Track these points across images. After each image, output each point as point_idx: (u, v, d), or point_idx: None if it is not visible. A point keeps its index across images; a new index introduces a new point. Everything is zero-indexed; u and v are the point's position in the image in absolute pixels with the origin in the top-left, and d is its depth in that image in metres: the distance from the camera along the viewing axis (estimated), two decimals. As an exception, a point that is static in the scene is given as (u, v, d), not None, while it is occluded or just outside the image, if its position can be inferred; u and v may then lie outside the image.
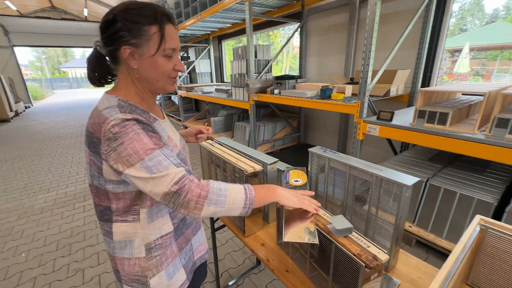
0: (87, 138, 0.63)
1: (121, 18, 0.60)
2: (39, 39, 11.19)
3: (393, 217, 0.75)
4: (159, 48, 0.63)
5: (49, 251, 2.05)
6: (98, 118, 0.60)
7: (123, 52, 0.62)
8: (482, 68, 8.38)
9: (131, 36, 0.61)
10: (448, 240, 1.75)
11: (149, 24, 0.62)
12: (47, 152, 4.68)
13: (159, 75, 0.67)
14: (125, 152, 0.57)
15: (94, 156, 0.62)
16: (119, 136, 0.57)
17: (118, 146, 0.57)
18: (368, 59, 1.84)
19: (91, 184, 0.69)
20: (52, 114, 9.20)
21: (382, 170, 0.76)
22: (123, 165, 0.58)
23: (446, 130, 1.57)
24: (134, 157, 0.57)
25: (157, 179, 0.57)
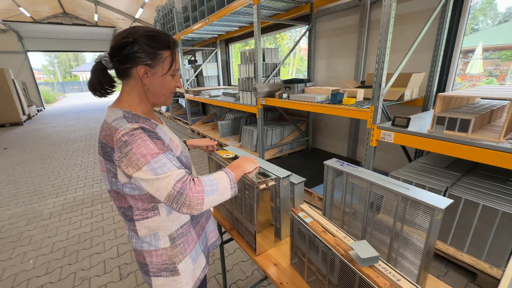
0: (101, 149, 0.71)
1: (141, 42, 0.70)
2: (51, 44, 11.47)
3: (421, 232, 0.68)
4: (170, 69, 0.76)
5: (56, 258, 2.04)
6: (109, 130, 0.69)
7: (138, 70, 0.72)
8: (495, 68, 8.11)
9: (148, 58, 0.72)
10: (470, 255, 1.64)
11: (163, 49, 0.74)
12: (57, 156, 4.74)
13: (165, 90, 0.79)
14: (134, 156, 0.64)
15: (109, 164, 0.71)
16: (128, 143, 0.65)
17: (128, 152, 0.65)
18: (383, 62, 1.76)
19: (111, 190, 0.76)
20: (63, 117, 9.39)
21: (409, 189, 0.69)
22: (133, 169, 0.65)
23: (468, 138, 1.47)
24: (141, 160, 0.64)
25: (161, 180, 0.64)
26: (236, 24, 4.62)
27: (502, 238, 1.49)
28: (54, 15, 11.13)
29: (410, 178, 1.89)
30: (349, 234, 0.70)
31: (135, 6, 8.82)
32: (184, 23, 5.06)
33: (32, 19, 10.40)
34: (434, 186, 1.75)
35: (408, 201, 0.70)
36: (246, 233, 1.03)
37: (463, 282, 1.64)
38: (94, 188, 3.32)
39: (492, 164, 1.37)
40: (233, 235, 1.11)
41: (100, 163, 0.75)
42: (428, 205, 0.63)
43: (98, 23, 11.48)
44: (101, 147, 0.71)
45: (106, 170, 0.73)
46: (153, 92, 0.77)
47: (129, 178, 0.68)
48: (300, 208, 0.83)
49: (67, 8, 10.91)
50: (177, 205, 0.64)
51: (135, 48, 0.70)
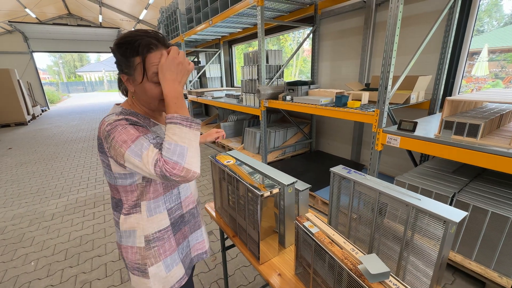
0: (97, 142, 0.75)
1: (115, 51, 0.71)
2: (56, 45, 11.60)
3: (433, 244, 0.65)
4: (144, 76, 0.70)
5: (58, 260, 2.03)
6: (101, 123, 0.72)
7: (122, 78, 0.74)
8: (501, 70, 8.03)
9: (123, 66, 0.71)
10: (478, 263, 1.60)
11: (133, 56, 0.69)
12: (60, 156, 4.76)
13: (150, 99, 0.74)
14: (117, 144, 0.66)
15: (103, 155, 0.74)
16: (111, 132, 0.67)
17: (111, 140, 0.66)
18: (389, 65, 1.73)
19: (108, 181, 0.81)
20: (67, 118, 9.45)
21: (421, 200, 0.66)
22: (120, 157, 0.66)
23: (477, 143, 1.44)
24: (123, 146, 0.65)
25: (144, 161, 0.64)
26: (239, 25, 4.61)
27: (511, 246, 1.45)
28: (60, 16, 11.23)
29: (416, 183, 1.85)
30: (356, 246, 0.67)
31: (139, 7, 8.86)
32: (188, 24, 5.06)
33: (38, 20, 10.50)
34: (441, 192, 1.71)
35: (420, 213, 0.67)
36: (249, 241, 1.00)
37: (471, 291, 1.59)
38: (97, 189, 3.32)
39: (502, 170, 1.33)
40: (236, 242, 1.08)
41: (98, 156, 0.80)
42: (441, 217, 0.60)
43: (103, 24, 11.56)
44: (97, 140, 0.75)
45: (101, 161, 0.77)
46: (139, 100, 0.77)
47: (123, 167, 0.69)
48: (306, 217, 0.81)
49: (72, 9, 11.00)
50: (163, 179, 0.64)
51: (116, 58, 0.72)
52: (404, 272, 0.76)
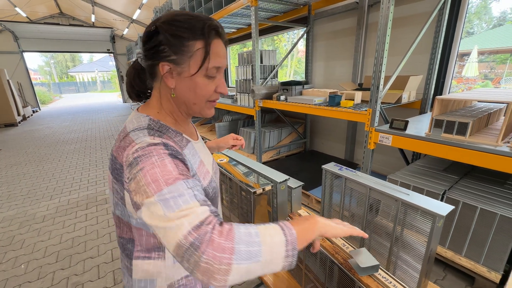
0: (111, 163, 0.56)
1: (163, 30, 0.54)
2: (47, 45, 11.39)
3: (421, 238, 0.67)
4: (201, 67, 0.56)
5: (49, 263, 1.99)
6: (124, 141, 0.54)
7: (161, 68, 0.56)
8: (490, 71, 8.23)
9: (172, 51, 0.54)
10: (468, 258, 1.63)
11: (194, 39, 0.54)
12: (52, 158, 4.68)
13: (197, 97, 0.59)
14: (143, 180, 0.47)
15: (117, 184, 0.55)
16: (140, 160, 0.48)
17: (137, 172, 0.48)
18: (380, 65, 1.76)
19: (114, 213, 0.62)
20: (59, 119, 9.29)
21: (409, 194, 0.68)
22: (141, 196, 0.47)
23: (466, 141, 1.47)
24: (152, 186, 0.46)
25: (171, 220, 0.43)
26: (234, 25, 4.62)
27: (500, 242, 1.48)
28: (51, 16, 11.05)
29: (408, 181, 1.88)
30: (347, 241, 0.68)
31: (132, 7, 8.78)
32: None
33: (28, 19, 10.32)
34: (432, 189, 1.74)
35: (408, 207, 0.68)
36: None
37: (461, 286, 1.63)
38: (89, 190, 3.27)
39: (490, 167, 1.36)
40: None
41: (108, 179, 0.59)
42: (429, 211, 0.62)
43: (96, 24, 11.42)
44: (111, 161, 0.56)
45: (113, 190, 0.57)
46: (180, 98, 0.59)
47: (136, 209, 0.49)
48: (297, 213, 0.81)
49: (64, 9, 10.84)
50: (189, 265, 0.42)
51: (158, 39, 0.54)
52: (395, 267, 0.77)
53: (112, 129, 6.98)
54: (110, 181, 0.58)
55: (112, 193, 0.59)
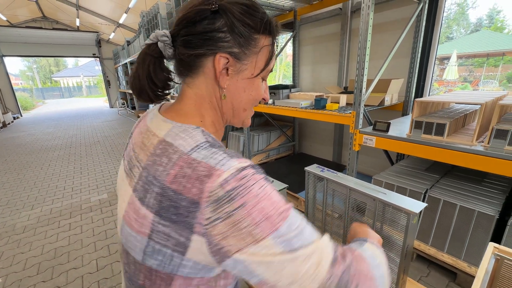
0: (160, 199, 0.39)
1: (230, 12, 0.42)
2: (30, 49, 11.03)
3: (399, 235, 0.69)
4: (265, 67, 0.47)
5: (30, 275, 1.91)
6: (190, 167, 0.38)
7: (216, 62, 0.44)
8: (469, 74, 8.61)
9: (236, 42, 0.43)
10: (450, 255, 1.69)
11: (263, 33, 0.45)
12: (33, 165, 4.51)
13: (249, 102, 0.50)
14: (248, 220, 0.35)
15: (171, 227, 0.38)
16: (237, 194, 0.36)
17: (235, 211, 0.35)
18: (362, 69, 1.82)
19: (142, 264, 0.43)
20: (42, 125, 8.98)
21: (386, 194, 0.70)
22: (241, 243, 0.35)
23: (444, 141, 1.53)
24: (264, 225, 0.35)
25: (302, 260, 0.36)
26: (221, 30, 4.64)
27: (478, 237, 1.55)
28: (33, 19, 10.74)
29: (392, 181, 1.93)
30: (328, 241, 0.70)
31: (118, 11, 8.67)
32: (169, 29, 5.02)
33: (9, 23, 9.99)
34: (415, 189, 1.80)
35: (386, 206, 0.70)
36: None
37: (444, 282, 1.68)
38: (73, 198, 3.17)
39: (466, 166, 1.42)
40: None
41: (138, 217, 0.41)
42: (403, 209, 0.64)
43: (80, 28, 11.19)
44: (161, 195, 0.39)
45: (150, 233, 0.40)
46: (231, 103, 0.48)
47: (221, 257, 0.37)
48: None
49: (46, 12, 10.57)
50: None
51: (218, 22, 0.42)
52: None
53: (98, 135, 6.81)
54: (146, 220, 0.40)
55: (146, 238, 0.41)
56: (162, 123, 0.46)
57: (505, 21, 8.80)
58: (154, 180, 0.40)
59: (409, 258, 0.70)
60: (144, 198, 0.41)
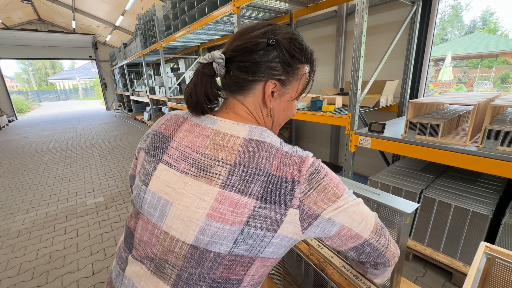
0: (266, 185, 0.46)
1: (283, 46, 0.51)
2: (25, 52, 10.95)
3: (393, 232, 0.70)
4: (304, 91, 0.58)
5: (24, 280, 1.88)
6: (289, 159, 0.48)
7: (266, 87, 0.52)
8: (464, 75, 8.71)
9: (284, 70, 0.52)
10: (445, 254, 1.70)
11: (304, 62, 0.55)
12: (28, 169, 4.46)
13: (284, 119, 0.60)
14: (331, 183, 0.48)
15: (271, 208, 0.45)
16: (321, 168, 0.49)
17: (322, 179, 0.48)
18: (357, 71, 1.83)
19: (228, 254, 0.47)
20: (37, 128, 8.90)
21: (379, 194, 0.71)
22: (328, 200, 0.47)
23: (438, 142, 1.55)
24: (341, 186, 0.50)
25: (362, 204, 0.52)
26: (218, 32, 4.66)
27: (473, 237, 1.56)
28: (28, 22, 10.68)
29: (388, 182, 1.95)
30: (322, 242, 0.70)
31: (115, 13, 8.66)
32: (166, 31, 5.02)
33: (4, 25, 9.92)
34: (410, 189, 1.81)
35: (379, 207, 0.71)
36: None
37: (440, 281, 1.69)
38: (69, 202, 3.14)
39: (460, 166, 1.44)
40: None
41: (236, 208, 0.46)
42: (396, 210, 0.65)
43: (76, 30, 11.15)
44: (266, 182, 0.46)
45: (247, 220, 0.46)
46: (273, 120, 0.58)
47: (310, 222, 0.47)
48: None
49: (42, 15, 10.52)
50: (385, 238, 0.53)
51: (272, 54, 0.50)
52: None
53: (94, 138, 6.76)
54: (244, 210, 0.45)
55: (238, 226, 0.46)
56: (235, 126, 0.52)
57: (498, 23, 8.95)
58: (258, 171, 0.46)
59: (402, 258, 0.71)
60: (246, 189, 0.46)
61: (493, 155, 1.31)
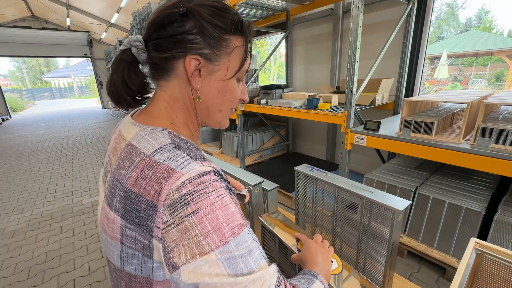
0: (124, 202, 0.39)
1: (199, 14, 0.42)
2: (18, 49, 10.77)
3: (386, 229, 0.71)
4: (240, 68, 0.47)
5: (19, 280, 1.87)
6: (151, 170, 0.38)
7: (186, 64, 0.44)
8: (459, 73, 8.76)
9: (206, 43, 0.43)
10: (439, 250, 1.73)
11: (235, 33, 0.45)
12: (23, 168, 4.42)
13: (225, 103, 0.49)
14: (198, 227, 0.35)
15: (136, 229, 0.38)
16: (192, 199, 0.35)
17: (188, 216, 0.35)
18: (353, 69, 1.84)
19: (119, 269, 0.43)
20: (32, 126, 8.80)
21: (372, 192, 0.72)
22: (190, 251, 0.35)
23: (432, 139, 1.57)
24: (212, 237, 0.35)
25: (242, 286, 0.34)
26: (214, 30, 4.63)
27: (466, 233, 1.59)
28: (22, 19, 10.51)
29: (383, 179, 1.96)
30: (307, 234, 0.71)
31: (110, 10, 8.56)
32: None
33: (-4, 23, 9.75)
34: (405, 186, 1.83)
35: (372, 204, 0.72)
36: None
37: (434, 277, 1.71)
38: (65, 201, 3.12)
39: (453, 164, 1.46)
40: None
41: (108, 222, 0.42)
42: (388, 207, 0.66)
43: (71, 28, 11.00)
44: (125, 198, 0.39)
45: (121, 237, 0.40)
46: (204, 104, 0.48)
47: (170, 268, 0.36)
48: (266, 215, 0.83)
49: (36, 12, 10.36)
50: None
51: (187, 25, 0.42)
52: (365, 257, 0.81)
53: (90, 136, 6.71)
54: (116, 225, 0.41)
55: (119, 244, 0.41)
56: (131, 126, 0.46)
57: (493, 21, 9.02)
58: (118, 183, 0.41)
59: (395, 254, 0.72)
60: (112, 203, 0.42)
61: (486, 153, 1.33)
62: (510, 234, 1.44)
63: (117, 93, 0.45)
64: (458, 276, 0.55)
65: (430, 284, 1.66)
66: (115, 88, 0.45)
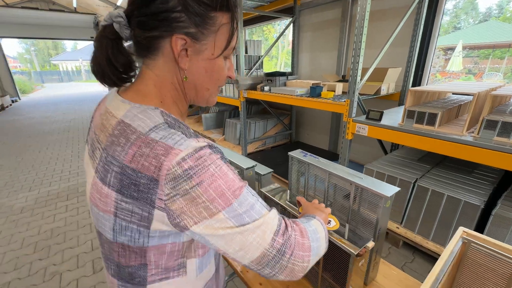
0: (120, 177, 0.41)
1: None
2: (26, 31, 10.79)
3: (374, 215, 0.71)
4: (227, 46, 0.47)
5: (27, 253, 1.97)
6: (150, 148, 0.39)
7: (173, 44, 0.43)
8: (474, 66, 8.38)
9: (191, 21, 0.42)
10: (435, 242, 1.73)
11: (221, 10, 0.44)
12: (31, 149, 4.53)
13: (212, 81, 0.50)
14: (204, 196, 0.39)
15: (134, 203, 0.41)
16: (194, 173, 0.38)
17: (193, 188, 0.38)
18: (358, 56, 1.79)
19: (112, 241, 0.46)
20: (41, 109, 8.95)
21: (362, 178, 0.71)
22: (196, 217, 0.39)
23: (435, 131, 1.53)
24: (218, 202, 0.39)
25: (250, 232, 0.41)
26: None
27: (463, 225, 1.57)
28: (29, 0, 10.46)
29: (383, 170, 1.95)
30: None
31: (116, -8, 8.41)
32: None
33: (4, 3, 9.73)
34: (405, 178, 1.82)
35: (362, 190, 0.72)
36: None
37: (427, 268, 1.73)
38: (70, 182, 3.21)
39: (455, 156, 1.43)
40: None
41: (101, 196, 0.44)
42: (376, 193, 0.65)
43: (78, 9, 10.91)
44: (121, 175, 0.41)
45: (114, 211, 0.43)
46: (193, 84, 0.48)
47: (180, 229, 0.41)
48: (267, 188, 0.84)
49: (42, -8, 10.26)
50: (273, 270, 0.43)
51: (171, 2, 0.41)
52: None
53: (96, 120, 6.79)
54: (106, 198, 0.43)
55: (113, 217, 0.43)
56: (120, 103, 0.46)
57: (515, 11, 8.48)
58: (113, 160, 0.42)
59: (382, 240, 0.72)
60: (105, 178, 0.43)
61: (489, 146, 1.30)
62: (507, 229, 1.43)
63: (102, 71, 0.45)
64: (440, 261, 0.55)
65: (423, 274, 1.68)
66: (100, 67, 0.44)
